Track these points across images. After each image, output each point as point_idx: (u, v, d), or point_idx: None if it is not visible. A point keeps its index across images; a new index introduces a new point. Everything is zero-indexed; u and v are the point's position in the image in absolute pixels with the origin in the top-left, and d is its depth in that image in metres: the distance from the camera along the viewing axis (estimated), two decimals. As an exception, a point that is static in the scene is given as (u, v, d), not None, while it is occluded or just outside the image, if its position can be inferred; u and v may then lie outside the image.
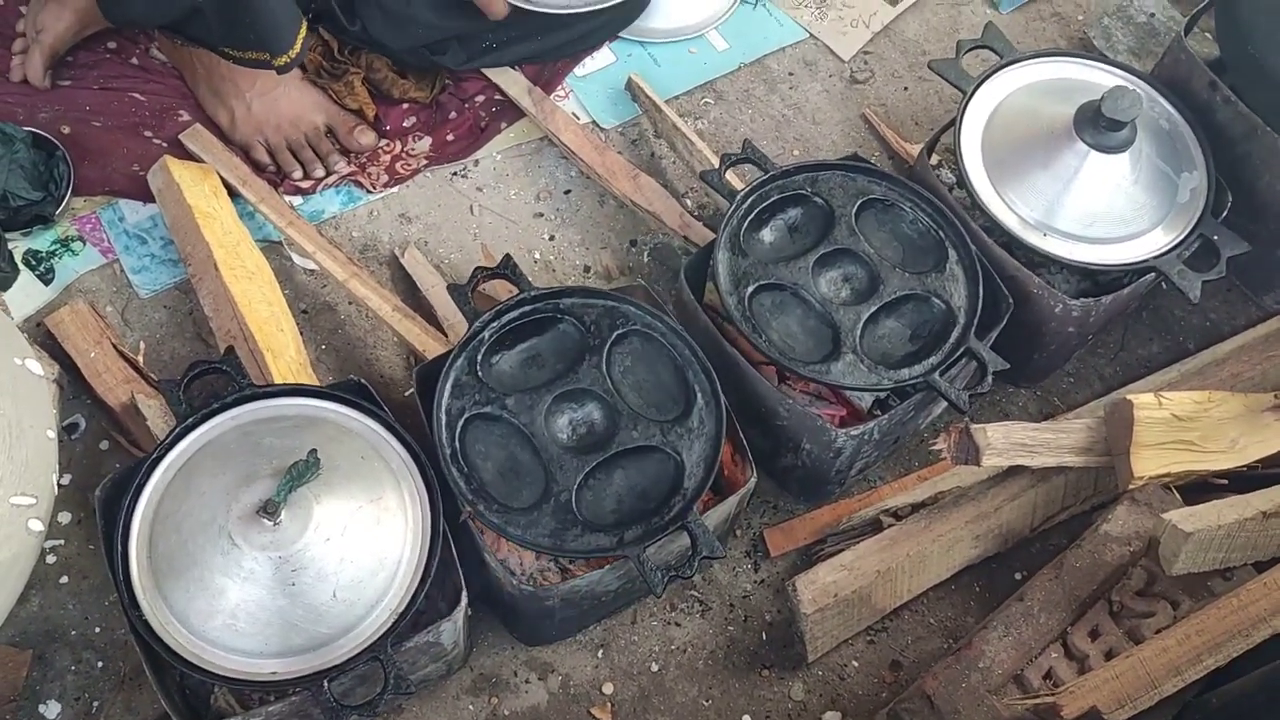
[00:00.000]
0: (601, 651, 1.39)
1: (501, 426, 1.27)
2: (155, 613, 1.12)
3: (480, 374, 1.29)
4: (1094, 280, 1.51)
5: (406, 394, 1.52)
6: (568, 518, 1.22)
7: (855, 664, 1.40)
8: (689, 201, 1.70)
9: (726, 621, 1.42)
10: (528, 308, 1.33)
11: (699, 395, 1.30)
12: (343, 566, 1.14)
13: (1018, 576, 1.46)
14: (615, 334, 1.32)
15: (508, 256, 1.36)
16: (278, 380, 1.36)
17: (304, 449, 1.15)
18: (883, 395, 1.45)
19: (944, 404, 1.46)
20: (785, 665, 1.39)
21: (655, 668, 1.38)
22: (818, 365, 1.34)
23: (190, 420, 1.20)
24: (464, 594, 1.19)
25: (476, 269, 1.34)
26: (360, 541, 1.15)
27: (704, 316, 1.39)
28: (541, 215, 1.69)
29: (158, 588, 1.13)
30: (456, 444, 1.25)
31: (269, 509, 1.12)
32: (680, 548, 1.28)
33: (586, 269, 1.64)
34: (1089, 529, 1.34)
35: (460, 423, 1.26)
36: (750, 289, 1.38)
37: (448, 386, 1.27)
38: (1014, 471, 1.42)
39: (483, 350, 1.30)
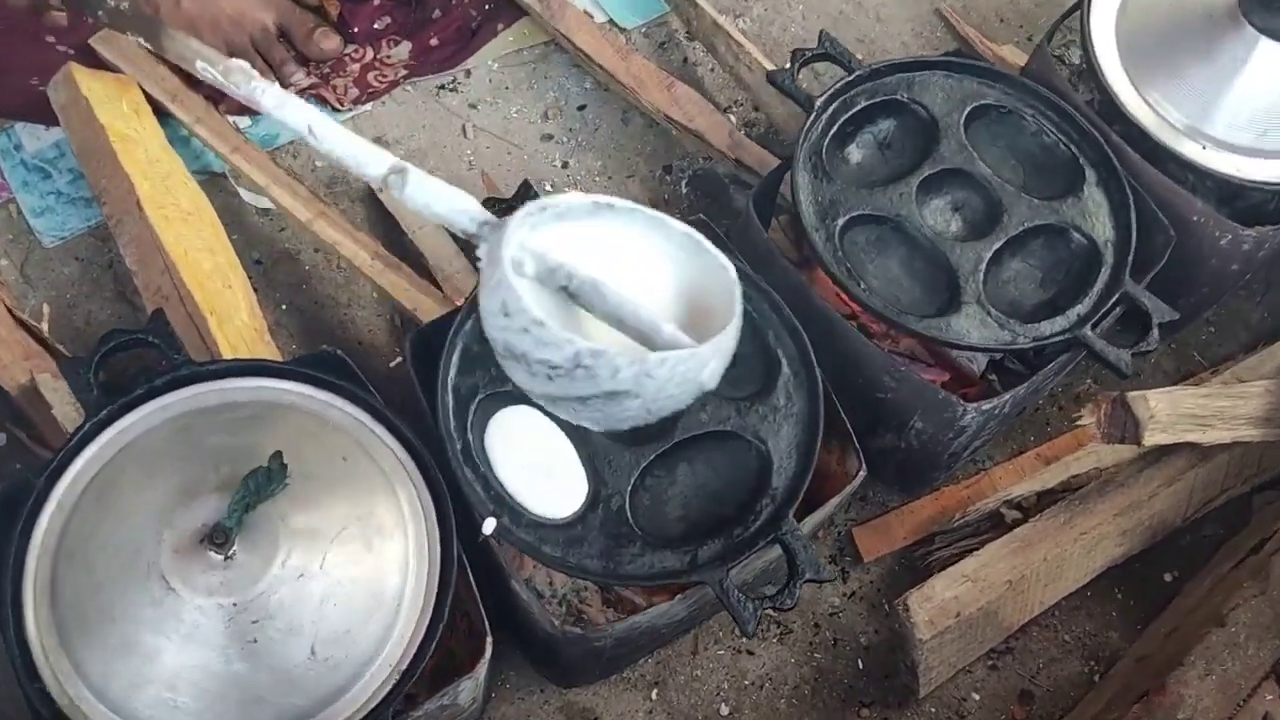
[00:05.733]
0: (656, 691, 1.09)
1: (528, 411, 0.95)
2: (63, 684, 0.80)
3: (497, 340, 0.97)
4: (1231, 206, 1.21)
5: (393, 364, 1.20)
6: (622, 531, 0.91)
7: (976, 696, 1.11)
8: (733, 118, 1.38)
9: (811, 647, 1.12)
10: (555, 251, 1.01)
11: (784, 364, 0.99)
12: (323, 612, 0.82)
13: (1168, 578, 1.18)
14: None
15: (526, 185, 1.03)
16: (225, 353, 1.03)
17: (263, 451, 0.84)
18: (999, 356, 1.15)
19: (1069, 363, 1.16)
20: (889, 701, 1.10)
21: (725, 710, 1.08)
22: (933, 319, 1.03)
23: (104, 413, 0.88)
24: (488, 640, 0.89)
25: (486, 200, 1.01)
26: (346, 575, 0.84)
27: (782, 260, 1.08)
28: (551, 137, 1.36)
29: (64, 649, 0.81)
30: (469, 434, 0.93)
31: (217, 538, 0.80)
32: (766, 563, 0.98)
33: (611, 203, 1.32)
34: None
35: (474, 406, 0.94)
36: (841, 222, 1.07)
37: (454, 359, 0.95)
38: (1167, 448, 1.12)
39: (499, 309, 0.98)
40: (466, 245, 1.00)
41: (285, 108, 0.82)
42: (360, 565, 0.85)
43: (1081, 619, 1.15)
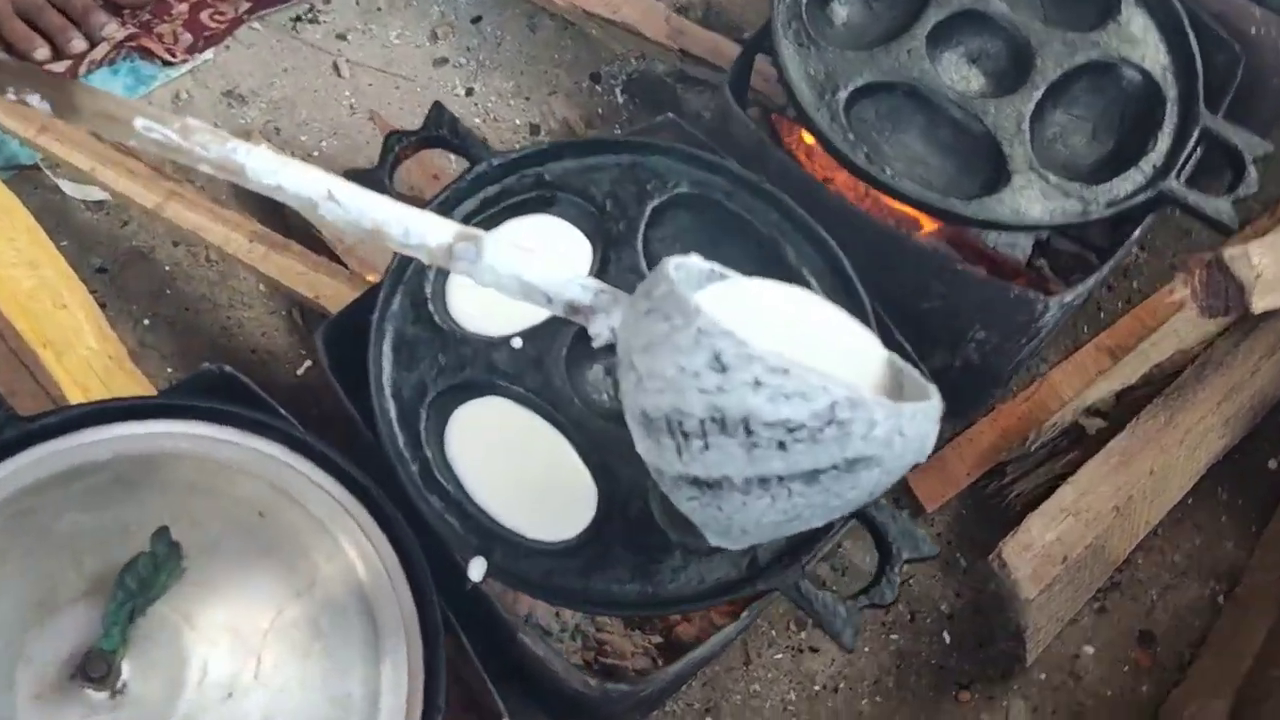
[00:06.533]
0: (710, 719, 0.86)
1: (496, 402, 0.71)
2: None
3: (437, 316, 0.72)
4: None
5: (301, 371, 0.94)
6: (652, 540, 0.69)
7: (1090, 649, 0.91)
8: (661, 4, 1.14)
9: (885, 628, 0.91)
10: (493, 188, 0.76)
11: (812, 283, 0.76)
12: (270, 738, 0.58)
13: (1272, 464, 0.99)
14: (650, 206, 0.77)
15: (438, 107, 0.78)
16: (72, 394, 0.77)
17: (142, 528, 0.59)
18: (1045, 236, 0.94)
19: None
20: (990, 675, 0.89)
21: (798, 727, 0.86)
22: (982, 200, 0.81)
23: (-99, 512, 0.61)
24: (504, 721, 0.65)
25: (390, 136, 0.76)
26: (294, 678, 0.60)
27: (780, 154, 0.85)
28: (446, 61, 1.10)
29: None
30: (426, 449, 0.69)
31: (94, 669, 0.55)
32: (832, 546, 0.76)
33: (534, 128, 1.07)
34: None
35: (424, 409, 0.70)
36: (844, 96, 0.84)
37: (386, 350, 0.71)
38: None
39: (433, 270, 0.73)
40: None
41: (284, 172, 0.56)
42: (310, 660, 0.60)
43: (1188, 532, 0.96)
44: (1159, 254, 1.08)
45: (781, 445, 0.49)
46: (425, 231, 0.57)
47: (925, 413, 0.53)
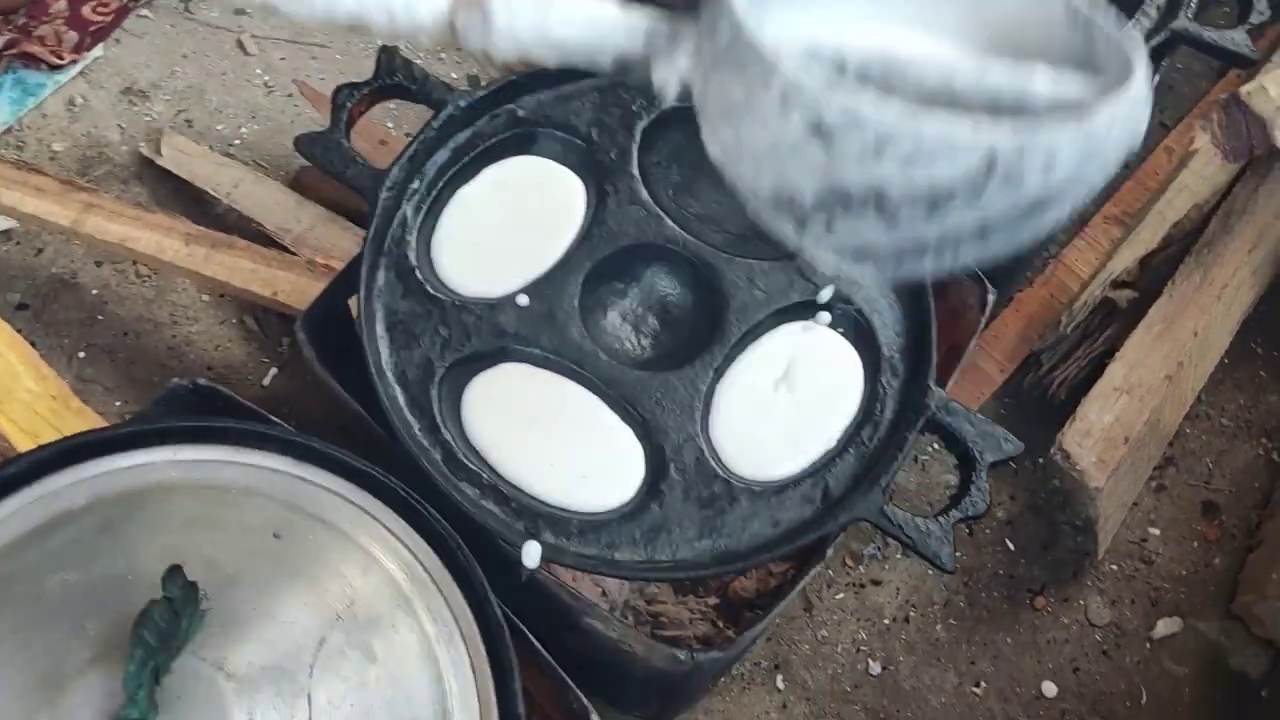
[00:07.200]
0: (781, 677, 0.80)
1: (513, 369, 0.63)
2: None
3: (429, 285, 0.64)
4: None
5: (266, 382, 0.84)
6: (714, 490, 0.62)
7: (1155, 531, 0.86)
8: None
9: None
10: (464, 134, 0.68)
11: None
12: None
13: (1298, 311, 0.96)
14: (640, 128, 0.69)
15: (387, 53, 0.69)
16: (20, 443, 0.67)
17: (146, 573, 0.50)
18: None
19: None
20: (1060, 577, 0.84)
21: (875, 668, 0.80)
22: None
23: None
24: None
25: (340, 90, 0.67)
26: (352, 713, 0.51)
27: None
28: (362, 22, 1.00)
29: None
30: (445, 432, 0.61)
31: (124, 741, 0.46)
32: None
33: (473, 80, 0.98)
34: None
35: (435, 389, 0.62)
36: None
37: (380, 332, 0.63)
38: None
39: (415, 235, 0.65)
40: (335, 159, 0.65)
41: None
42: (368, 689, 0.52)
43: (1230, 393, 0.92)
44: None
45: (930, 208, 0.36)
46: (415, 3, 0.45)
47: (1127, 106, 0.37)
